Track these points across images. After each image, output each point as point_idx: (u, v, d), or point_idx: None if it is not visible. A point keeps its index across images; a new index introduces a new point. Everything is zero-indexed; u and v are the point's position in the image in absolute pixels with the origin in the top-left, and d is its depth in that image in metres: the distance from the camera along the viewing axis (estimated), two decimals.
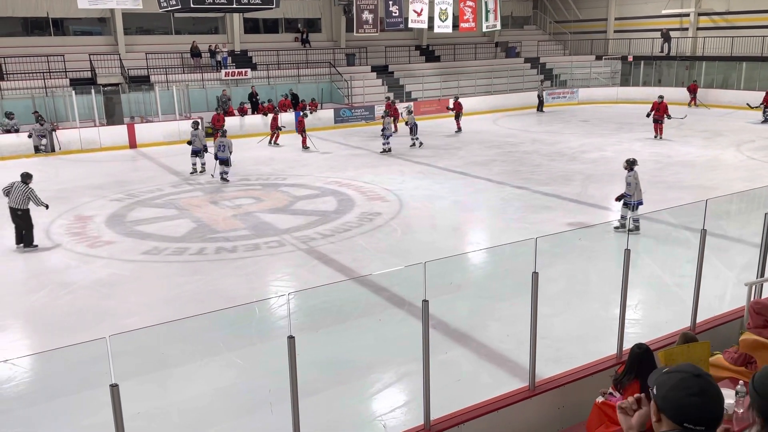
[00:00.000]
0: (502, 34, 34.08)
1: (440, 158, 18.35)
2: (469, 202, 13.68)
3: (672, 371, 1.98)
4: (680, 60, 30.77)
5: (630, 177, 10.70)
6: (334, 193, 14.45)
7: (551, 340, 6.54)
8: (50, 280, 9.44)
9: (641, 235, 10.64)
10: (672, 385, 1.93)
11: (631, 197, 10.65)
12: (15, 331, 8.06)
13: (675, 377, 1.94)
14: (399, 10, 25.82)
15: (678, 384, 1.92)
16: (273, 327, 7.58)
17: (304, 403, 3.95)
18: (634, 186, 10.64)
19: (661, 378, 1.98)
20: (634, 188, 10.64)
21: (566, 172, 16.03)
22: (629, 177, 10.71)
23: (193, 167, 16.92)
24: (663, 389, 1.94)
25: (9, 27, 24.69)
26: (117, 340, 3.23)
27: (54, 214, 13.06)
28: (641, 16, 32.99)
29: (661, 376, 1.99)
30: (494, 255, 9.60)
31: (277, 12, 27.13)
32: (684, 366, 2.00)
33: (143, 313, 8.13)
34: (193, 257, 10.34)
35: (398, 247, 10.86)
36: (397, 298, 8.27)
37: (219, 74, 25.61)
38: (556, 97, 30.89)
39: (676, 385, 1.92)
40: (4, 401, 6.38)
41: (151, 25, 27.25)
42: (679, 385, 1.92)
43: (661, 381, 1.97)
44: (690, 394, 1.88)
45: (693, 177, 15.01)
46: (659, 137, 20.19)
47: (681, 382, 1.92)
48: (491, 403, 4.74)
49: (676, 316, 6.35)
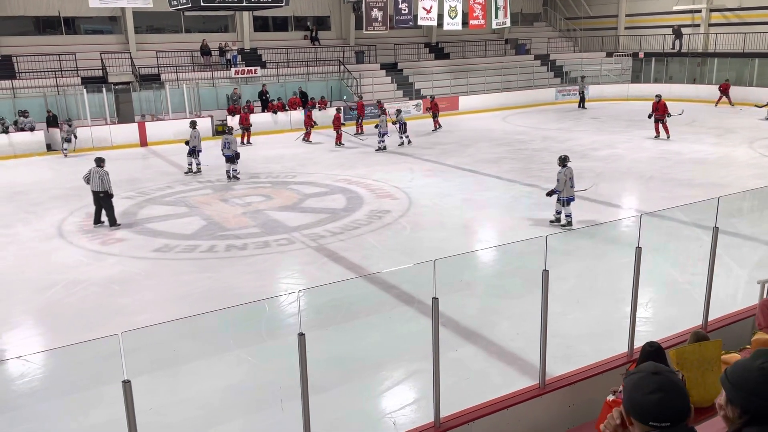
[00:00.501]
0: (512, 31, 33.94)
1: (449, 156, 18.32)
2: (479, 200, 13.64)
3: (632, 373, 1.98)
4: (692, 57, 30.53)
5: (560, 173, 10.84)
6: (343, 190, 14.46)
7: (561, 338, 6.52)
8: (63, 277, 9.52)
9: (653, 232, 10.57)
10: (631, 387, 1.93)
11: (561, 193, 10.81)
12: (28, 328, 8.13)
13: (633, 378, 1.95)
14: (408, 8, 25.77)
15: (637, 384, 1.92)
16: (283, 324, 7.61)
17: (315, 400, 3.97)
18: (563, 183, 10.77)
19: (624, 381, 2.00)
20: (563, 185, 10.76)
21: (576, 169, 15.85)
22: (559, 173, 10.86)
23: (189, 167, 16.87)
24: (626, 392, 1.95)
25: (21, 26, 24.87)
26: (129, 336, 3.25)
27: (66, 211, 13.18)
28: (652, 13, 32.75)
29: (624, 380, 2.01)
30: (504, 253, 9.58)
31: (287, 10, 27.15)
32: (644, 366, 2.00)
33: (154, 310, 8.18)
34: (203, 255, 10.39)
35: (407, 244, 10.86)
36: (406, 295, 8.27)
37: (229, 72, 25.69)
38: (566, 94, 30.76)
39: (635, 385, 1.92)
40: (18, 397, 6.45)
41: (162, 23, 27.36)
42: (637, 385, 1.92)
43: (624, 385, 1.98)
44: (648, 392, 1.88)
45: (704, 174, 14.90)
46: (666, 137, 19.70)
47: (639, 381, 1.92)
48: (501, 401, 4.74)
49: (687, 315, 6.31)
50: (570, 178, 10.85)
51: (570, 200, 10.87)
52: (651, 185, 14.32)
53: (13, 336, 7.84)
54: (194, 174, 16.72)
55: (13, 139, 20.20)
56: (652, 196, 13.29)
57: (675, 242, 10.48)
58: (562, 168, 10.88)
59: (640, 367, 2.01)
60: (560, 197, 10.89)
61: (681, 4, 30.71)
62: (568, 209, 10.89)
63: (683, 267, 9.19)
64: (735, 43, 28.75)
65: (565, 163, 10.90)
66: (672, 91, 29.22)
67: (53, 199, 14.38)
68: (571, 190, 10.79)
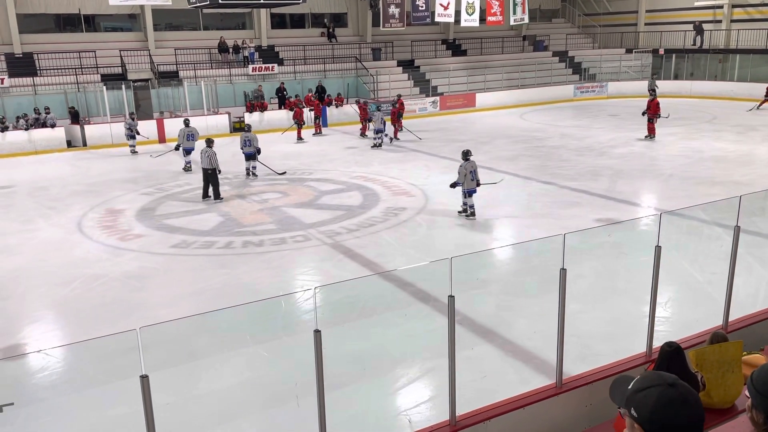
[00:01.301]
0: (530, 28, 33.70)
1: None
2: (495, 197, 13.57)
3: (642, 387, 1.84)
4: (713, 53, 30.09)
5: (461, 167, 11.64)
6: (359, 187, 14.47)
7: (579, 338, 6.46)
8: (82, 272, 9.64)
9: (672, 231, 10.45)
10: (654, 404, 1.79)
11: (463, 185, 11.62)
12: (48, 322, 8.24)
13: (653, 394, 1.80)
14: (425, 4, 25.71)
15: (660, 401, 1.79)
16: (299, 320, 7.64)
17: (330, 397, 3.97)
18: (463, 175, 11.53)
19: (636, 398, 1.83)
20: (463, 177, 11.52)
21: (595, 167, 15.82)
22: (460, 167, 11.66)
23: (187, 165, 16.92)
24: (645, 410, 1.80)
25: (42, 24, 25.18)
26: (147, 331, 3.28)
27: (86, 207, 13.34)
28: (673, 8, 32.30)
29: (635, 395, 1.83)
30: (521, 251, 9.53)
31: (304, 7, 27.25)
32: (651, 376, 1.87)
33: (172, 305, 8.25)
34: (220, 251, 10.46)
35: (423, 242, 10.84)
36: (422, 293, 8.26)
37: (246, 69, 25.80)
38: (584, 91, 30.48)
39: (658, 402, 1.79)
40: (38, 390, 6.54)
41: (180, 21, 27.56)
42: (660, 401, 1.79)
43: (638, 401, 1.82)
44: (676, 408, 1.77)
45: (726, 172, 14.68)
46: (650, 137, 19.12)
47: (661, 398, 1.79)
48: (518, 399, 4.71)
49: (707, 315, 6.22)
50: (471, 171, 11.61)
51: (471, 192, 11.70)
52: (671, 183, 14.15)
53: (34, 330, 7.95)
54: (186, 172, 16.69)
55: (33, 136, 20.47)
56: (671, 195, 13.13)
57: (695, 241, 10.35)
58: (464, 162, 11.68)
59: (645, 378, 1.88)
60: (463, 189, 11.73)
61: (703, 0, 30.26)
62: (471, 200, 11.73)
63: (703, 266, 9.07)
64: (757, 40, 28.28)
65: (467, 157, 11.72)
66: (693, 88, 28.90)
67: (73, 195, 14.56)
68: (472, 183, 11.60)
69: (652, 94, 19.54)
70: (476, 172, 11.68)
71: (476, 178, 11.63)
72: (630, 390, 1.87)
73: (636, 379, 1.90)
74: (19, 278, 9.50)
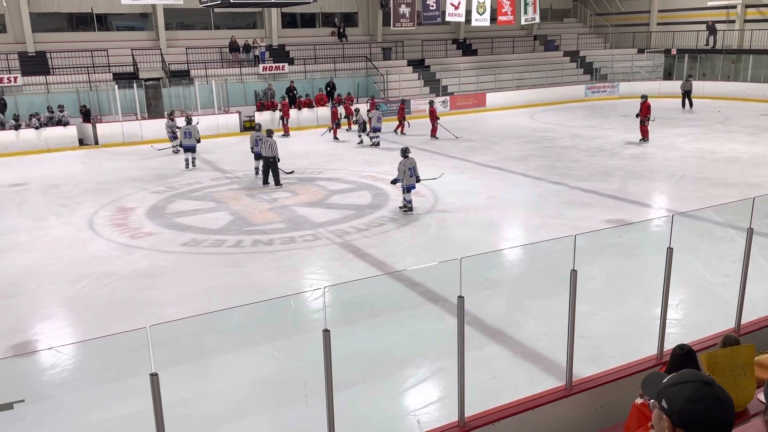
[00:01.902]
0: (541, 27, 33.57)
1: (476, 153, 18.21)
2: (505, 198, 13.53)
3: (677, 382, 1.87)
4: (726, 53, 29.84)
5: (400, 164, 12.21)
6: (369, 187, 14.46)
7: (589, 339, 6.43)
8: (93, 270, 9.69)
9: (684, 232, 10.36)
10: (687, 398, 1.81)
11: (402, 182, 12.14)
12: (59, 319, 8.30)
13: (687, 389, 1.82)
14: (436, 4, 25.66)
15: (693, 396, 1.80)
16: (308, 320, 7.64)
17: (339, 397, 3.97)
18: (402, 172, 12.11)
19: (669, 391, 1.86)
20: (402, 174, 12.09)
21: (605, 167, 15.72)
22: (400, 164, 12.23)
23: (187, 162, 17.07)
24: (677, 403, 1.83)
25: (55, 22, 25.38)
26: (157, 330, 3.28)
27: (97, 205, 13.42)
28: (686, 8, 32.06)
29: (668, 389, 1.86)
30: (531, 252, 9.48)
31: (315, 6, 27.27)
32: (687, 373, 1.89)
33: (182, 303, 8.28)
34: (230, 249, 10.49)
35: (433, 242, 10.82)
36: (431, 293, 8.24)
37: (257, 69, 25.87)
38: (595, 91, 30.33)
39: (691, 397, 1.80)
40: (49, 387, 6.58)
41: (192, 20, 27.68)
42: (693, 396, 1.80)
43: (671, 395, 1.85)
44: (707, 405, 1.78)
45: (739, 174, 14.55)
46: (642, 139, 18.75)
47: (695, 394, 1.80)
48: (527, 401, 4.68)
49: (719, 317, 6.16)
50: (410, 168, 12.16)
51: (410, 188, 12.22)
52: (683, 184, 14.05)
53: (45, 327, 8.01)
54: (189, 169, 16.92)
55: (45, 134, 20.63)
56: (683, 196, 13.03)
57: (707, 243, 10.26)
58: (404, 159, 12.25)
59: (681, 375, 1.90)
60: (402, 185, 12.22)
61: (715, 0, 30.02)
62: (409, 196, 12.22)
63: (715, 268, 8.99)
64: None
65: (406, 154, 12.33)
66: (705, 89, 28.65)
67: (85, 192, 14.66)
68: (411, 179, 12.15)
69: (643, 98, 19.21)
70: (415, 169, 12.27)
71: (415, 174, 12.23)
72: (664, 384, 1.90)
73: (672, 375, 1.94)
74: (30, 275, 9.57)
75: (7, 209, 13.43)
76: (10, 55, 22.74)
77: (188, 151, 16.94)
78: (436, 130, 20.91)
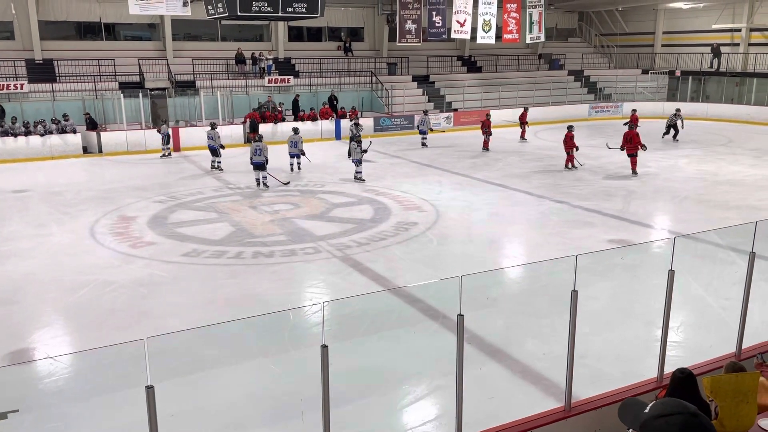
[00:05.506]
0: (546, 46, 33.74)
1: (478, 170, 18.22)
2: (507, 215, 13.52)
3: (663, 414, 1.78)
4: (730, 76, 29.95)
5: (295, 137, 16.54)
6: (371, 201, 14.47)
7: (589, 360, 6.38)
8: (93, 278, 9.67)
9: (686, 254, 10.33)
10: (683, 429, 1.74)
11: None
12: (57, 328, 8.27)
13: (676, 422, 1.74)
14: (442, 21, 25.81)
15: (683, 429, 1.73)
16: (306, 334, 7.58)
17: (336, 413, 3.93)
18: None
19: (656, 424, 1.77)
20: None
21: (608, 187, 15.73)
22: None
23: (212, 164, 18.41)
24: None
25: (63, 31, 25.58)
26: (154, 341, 3.26)
27: (99, 213, 13.43)
28: (691, 31, 32.27)
29: (654, 421, 1.77)
30: (532, 270, 9.45)
31: (321, 21, 27.44)
32: (672, 403, 1.80)
33: (180, 314, 8.25)
34: (230, 260, 10.47)
35: (433, 257, 10.79)
36: (431, 310, 8.20)
37: (262, 81, 26.00)
38: (599, 110, 30.40)
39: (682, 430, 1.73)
40: (45, 396, 6.54)
41: (199, 31, 27.89)
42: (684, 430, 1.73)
43: (658, 427, 1.76)
44: None
45: (742, 197, 14.54)
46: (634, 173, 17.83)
47: (686, 427, 1.73)
48: (525, 422, 4.64)
49: (720, 341, 6.12)
50: (292, 142, 17.36)
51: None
52: (685, 206, 14.03)
53: (43, 335, 7.97)
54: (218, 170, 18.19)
55: (50, 141, 20.71)
56: (686, 217, 13.01)
57: (709, 266, 10.22)
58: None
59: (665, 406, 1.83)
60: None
61: (720, 23, 30.17)
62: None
63: (717, 291, 8.95)
64: None
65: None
66: (709, 111, 28.72)
67: (87, 200, 14.68)
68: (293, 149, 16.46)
69: (631, 126, 18.97)
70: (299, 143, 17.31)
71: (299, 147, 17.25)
72: (648, 415, 1.81)
73: (654, 404, 1.84)
74: (30, 282, 9.55)
75: (10, 216, 13.44)
76: (18, 62, 22.89)
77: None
78: (572, 160, 18.50)
